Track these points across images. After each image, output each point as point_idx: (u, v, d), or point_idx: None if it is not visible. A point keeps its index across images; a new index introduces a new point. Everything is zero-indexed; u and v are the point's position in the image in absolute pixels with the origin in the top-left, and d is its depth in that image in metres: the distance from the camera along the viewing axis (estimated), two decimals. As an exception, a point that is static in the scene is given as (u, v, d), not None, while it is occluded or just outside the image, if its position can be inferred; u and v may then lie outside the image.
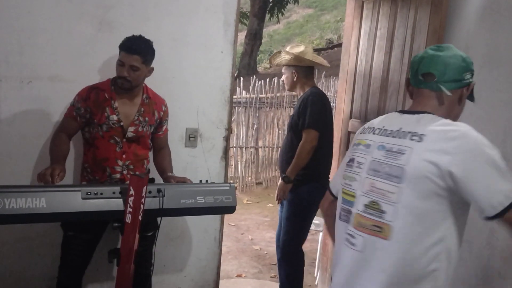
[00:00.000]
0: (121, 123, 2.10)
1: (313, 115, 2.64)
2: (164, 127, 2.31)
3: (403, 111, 1.33)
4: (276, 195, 2.84)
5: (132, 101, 2.15)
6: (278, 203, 2.89)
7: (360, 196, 1.25)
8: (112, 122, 2.08)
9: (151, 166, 2.30)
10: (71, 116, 2.11)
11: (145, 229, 2.10)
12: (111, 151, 2.10)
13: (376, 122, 1.37)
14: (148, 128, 2.19)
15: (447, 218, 1.18)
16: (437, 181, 1.14)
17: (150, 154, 2.30)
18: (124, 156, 2.13)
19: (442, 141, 1.15)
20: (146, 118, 2.17)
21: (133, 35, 2.07)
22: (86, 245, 2.12)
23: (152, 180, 2.22)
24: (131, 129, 2.12)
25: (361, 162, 1.29)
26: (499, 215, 1.11)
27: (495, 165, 1.13)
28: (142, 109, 2.16)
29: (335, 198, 1.45)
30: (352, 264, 1.25)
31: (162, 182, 2.22)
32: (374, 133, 1.31)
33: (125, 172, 2.13)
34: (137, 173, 2.15)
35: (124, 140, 2.12)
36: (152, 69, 2.15)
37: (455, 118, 1.32)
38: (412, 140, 1.19)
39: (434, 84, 1.27)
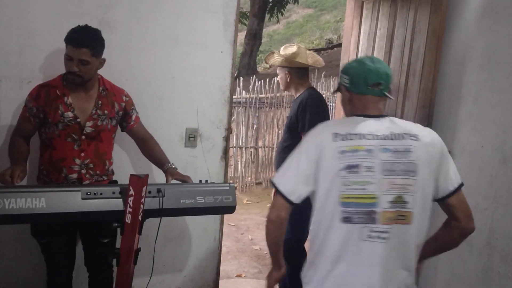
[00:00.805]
0: (78, 120, 2.00)
1: (312, 118, 2.64)
2: (133, 116, 2.21)
3: (365, 115, 1.51)
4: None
5: (87, 94, 2.04)
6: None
7: (381, 195, 1.40)
8: (68, 120, 1.98)
9: (145, 161, 2.30)
10: (25, 117, 2.02)
11: (100, 234, 2.04)
12: (68, 150, 2.01)
13: (354, 128, 1.46)
14: (108, 122, 2.08)
15: None
16: (433, 167, 1.45)
17: (113, 154, 2.22)
18: (82, 154, 2.03)
19: (428, 136, 1.47)
20: (106, 111, 2.06)
21: (79, 26, 1.96)
22: (65, 247, 2.08)
23: (115, 182, 2.16)
24: (89, 124, 2.02)
25: (370, 166, 1.41)
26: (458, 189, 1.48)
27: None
28: (100, 102, 2.05)
29: (292, 205, 1.52)
30: (385, 254, 1.41)
31: (161, 179, 2.21)
32: (366, 139, 1.44)
33: (83, 171, 2.04)
34: (104, 176, 2.12)
35: (83, 137, 2.02)
36: (104, 60, 2.04)
37: None
38: (411, 139, 1.44)
39: (379, 92, 1.50)
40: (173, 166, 2.13)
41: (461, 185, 1.48)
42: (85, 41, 1.91)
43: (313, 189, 1.48)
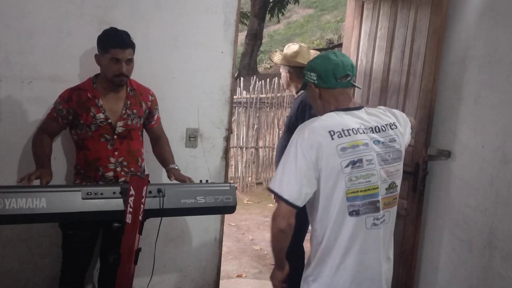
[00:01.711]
0: (109, 120, 2.08)
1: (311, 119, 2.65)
2: (155, 116, 2.29)
3: (346, 109, 1.57)
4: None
5: (117, 95, 2.12)
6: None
7: (381, 184, 1.52)
8: (100, 121, 2.06)
9: (152, 159, 2.30)
10: (52, 117, 2.09)
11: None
12: (102, 150, 2.08)
13: (344, 123, 1.51)
14: (137, 120, 2.17)
15: None
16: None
17: (143, 151, 2.27)
18: (116, 153, 2.11)
19: (400, 119, 1.65)
20: (134, 111, 2.14)
21: (112, 28, 2.05)
22: (88, 242, 2.12)
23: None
24: (120, 124, 2.10)
25: (370, 159, 1.51)
26: None
27: None
28: (128, 102, 2.13)
29: (296, 209, 1.48)
30: (383, 236, 1.56)
31: (163, 176, 2.21)
32: (360, 133, 1.51)
33: (118, 169, 2.11)
34: (137, 173, 2.15)
35: (115, 136, 2.10)
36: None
37: None
38: (392, 129, 1.59)
39: (348, 83, 1.59)
40: (176, 167, 2.17)
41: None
42: (129, 41, 2.03)
43: (316, 189, 1.49)
